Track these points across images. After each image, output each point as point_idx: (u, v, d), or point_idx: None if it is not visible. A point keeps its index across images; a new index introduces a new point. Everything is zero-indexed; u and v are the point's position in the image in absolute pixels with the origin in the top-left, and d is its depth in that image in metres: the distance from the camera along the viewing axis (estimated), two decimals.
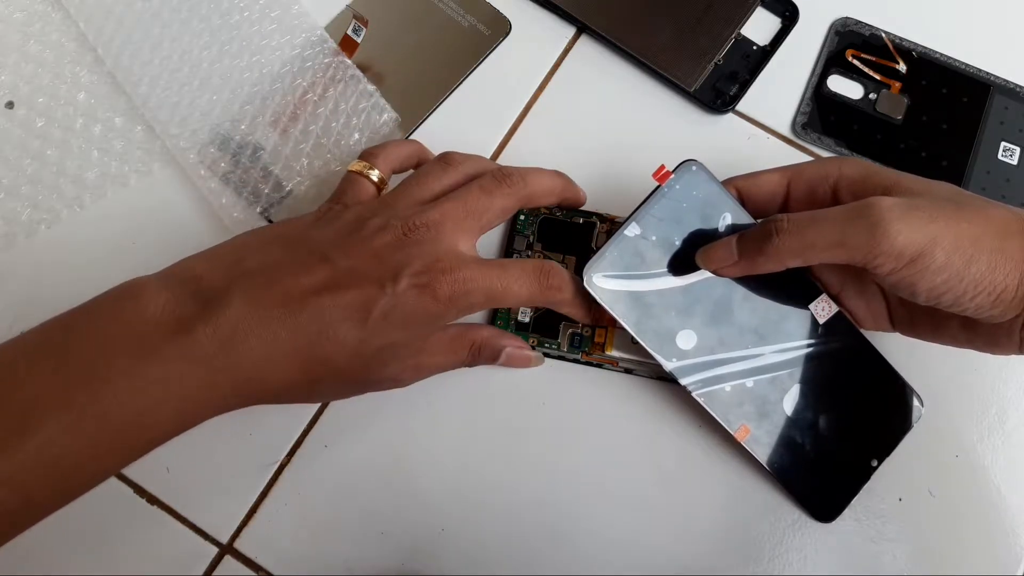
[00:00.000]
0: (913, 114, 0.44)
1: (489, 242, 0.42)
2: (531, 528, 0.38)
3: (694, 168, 0.36)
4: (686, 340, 0.36)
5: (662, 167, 0.35)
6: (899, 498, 0.38)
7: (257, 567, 0.37)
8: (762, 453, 0.37)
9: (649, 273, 0.36)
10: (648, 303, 0.36)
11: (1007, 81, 0.44)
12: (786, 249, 0.32)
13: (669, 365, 0.36)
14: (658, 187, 0.36)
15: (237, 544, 0.38)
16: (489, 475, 0.38)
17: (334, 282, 0.31)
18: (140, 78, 0.43)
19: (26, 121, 0.43)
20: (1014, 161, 0.43)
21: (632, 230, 0.36)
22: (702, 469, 0.38)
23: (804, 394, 0.37)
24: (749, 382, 0.36)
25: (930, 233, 0.30)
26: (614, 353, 0.39)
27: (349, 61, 0.44)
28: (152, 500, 0.38)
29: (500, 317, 0.40)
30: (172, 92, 0.43)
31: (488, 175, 0.36)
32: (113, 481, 0.38)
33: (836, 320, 0.37)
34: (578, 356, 0.39)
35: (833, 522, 0.37)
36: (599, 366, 0.39)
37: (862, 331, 0.37)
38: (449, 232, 0.34)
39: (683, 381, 0.36)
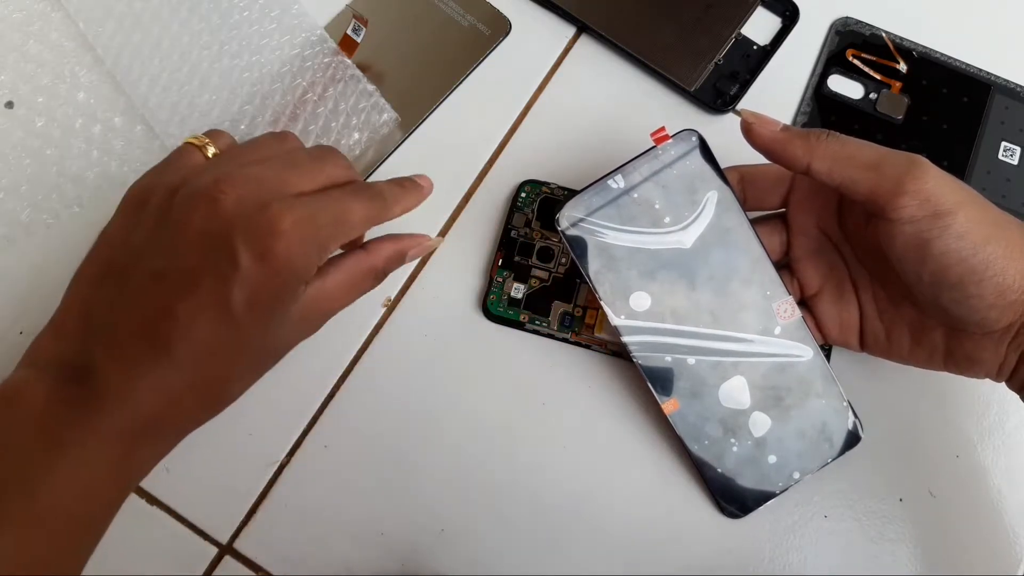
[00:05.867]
0: (913, 114, 0.44)
1: (486, 227, 0.42)
2: (531, 528, 0.38)
3: (693, 139, 0.35)
4: (639, 301, 0.36)
5: (662, 128, 0.35)
6: (899, 498, 0.38)
7: (257, 567, 0.37)
8: (685, 431, 0.36)
9: (621, 228, 0.36)
10: (612, 256, 0.36)
11: (1007, 81, 0.44)
12: (825, 148, 0.32)
13: (616, 320, 0.36)
14: (652, 147, 0.35)
15: (237, 544, 0.38)
16: (488, 475, 0.38)
17: (176, 294, 0.29)
18: (139, 78, 0.43)
19: (26, 121, 0.43)
20: (1014, 161, 0.43)
21: (615, 181, 0.35)
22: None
23: (742, 388, 0.37)
24: (691, 359, 0.36)
25: (959, 198, 0.31)
26: (603, 335, 0.39)
27: (349, 61, 0.44)
28: (152, 501, 0.38)
29: (493, 292, 0.40)
30: (171, 92, 0.43)
31: (318, 147, 0.33)
32: None
33: (795, 325, 0.36)
34: (567, 336, 0.40)
35: (742, 517, 0.37)
36: (587, 347, 0.40)
37: (819, 345, 0.37)
38: (272, 182, 0.30)
39: (626, 339, 0.36)
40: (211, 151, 0.33)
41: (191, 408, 0.30)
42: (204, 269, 0.29)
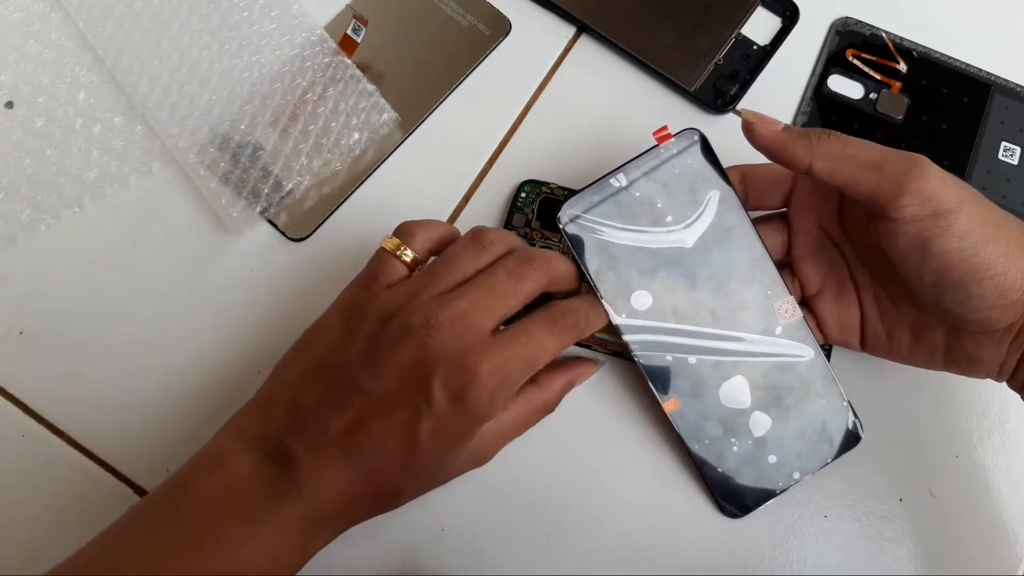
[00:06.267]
0: (913, 114, 0.44)
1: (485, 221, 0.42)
2: (530, 528, 0.38)
3: (696, 138, 0.36)
4: (640, 300, 0.36)
5: (664, 127, 0.35)
6: (899, 498, 0.38)
7: None
8: (686, 431, 0.37)
9: (623, 226, 0.36)
10: (614, 254, 0.36)
11: (1007, 81, 0.44)
12: (826, 147, 0.32)
13: (617, 319, 0.36)
14: (655, 146, 0.35)
15: None
16: (488, 474, 0.38)
17: (373, 413, 0.32)
18: (140, 78, 0.43)
19: (26, 121, 0.43)
20: (1014, 161, 0.43)
21: (617, 180, 0.35)
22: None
23: (743, 388, 0.37)
24: (692, 358, 0.36)
25: (961, 197, 0.31)
26: (604, 335, 0.39)
27: (349, 61, 0.44)
28: None
29: None
30: (172, 92, 0.43)
31: (513, 257, 0.34)
32: (114, 482, 0.38)
33: (796, 325, 0.36)
34: None
35: (742, 517, 0.37)
36: (587, 347, 0.40)
37: (820, 344, 0.37)
38: (475, 321, 0.32)
39: (627, 338, 0.36)
40: (408, 255, 0.35)
41: (364, 508, 0.33)
42: (402, 398, 0.31)
